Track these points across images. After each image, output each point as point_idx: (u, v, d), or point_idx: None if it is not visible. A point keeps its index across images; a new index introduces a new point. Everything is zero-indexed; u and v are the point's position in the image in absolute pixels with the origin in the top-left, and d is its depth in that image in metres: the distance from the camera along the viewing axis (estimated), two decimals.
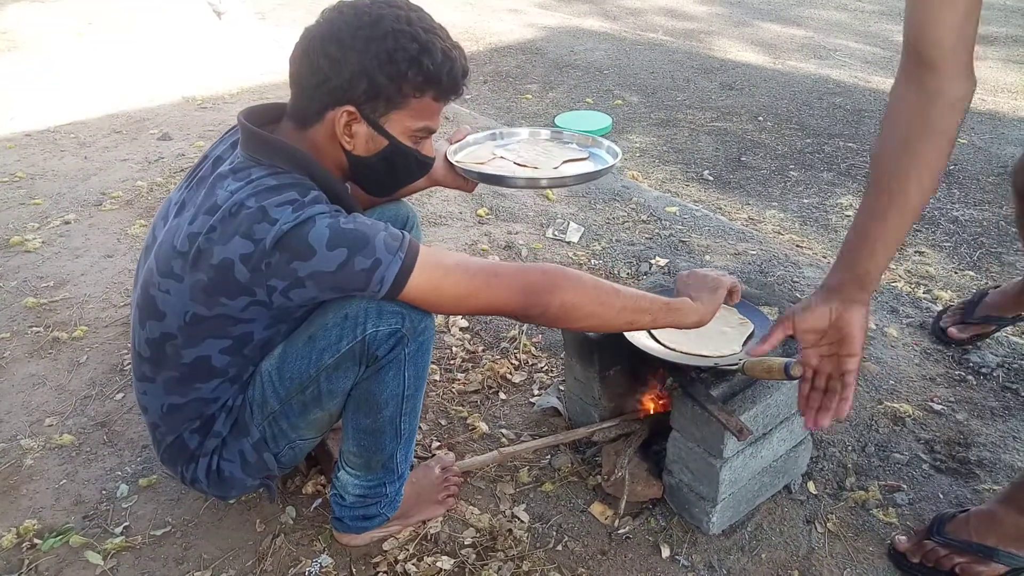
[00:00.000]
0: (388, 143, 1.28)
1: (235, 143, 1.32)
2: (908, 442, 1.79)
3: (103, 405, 1.95)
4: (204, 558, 1.52)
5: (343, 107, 1.22)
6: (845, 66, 5.18)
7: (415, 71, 1.21)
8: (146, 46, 5.38)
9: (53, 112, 4.06)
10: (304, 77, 1.23)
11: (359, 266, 1.14)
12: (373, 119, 1.25)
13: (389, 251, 1.15)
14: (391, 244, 1.16)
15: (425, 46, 1.20)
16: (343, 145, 1.27)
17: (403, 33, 1.19)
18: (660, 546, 1.53)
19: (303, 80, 1.24)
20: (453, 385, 2.02)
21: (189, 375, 1.30)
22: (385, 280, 1.16)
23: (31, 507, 1.64)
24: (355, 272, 1.15)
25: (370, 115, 1.24)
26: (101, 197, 3.11)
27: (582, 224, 2.87)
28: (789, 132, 4.09)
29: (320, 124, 1.26)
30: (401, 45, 1.19)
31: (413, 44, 1.20)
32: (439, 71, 1.23)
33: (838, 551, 1.51)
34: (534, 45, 5.81)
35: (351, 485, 1.46)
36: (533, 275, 1.24)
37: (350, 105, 1.22)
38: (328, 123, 1.25)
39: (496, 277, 1.22)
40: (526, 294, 1.22)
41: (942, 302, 2.46)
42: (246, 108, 1.32)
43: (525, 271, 1.25)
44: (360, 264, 1.14)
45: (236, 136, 1.33)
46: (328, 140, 1.27)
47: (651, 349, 1.52)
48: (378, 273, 1.15)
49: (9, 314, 2.33)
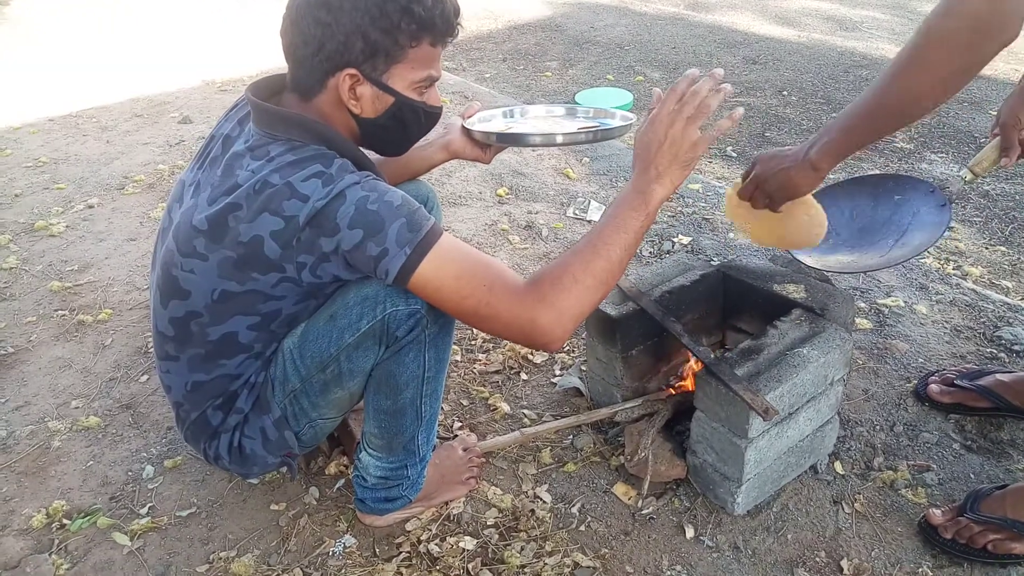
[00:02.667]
0: (394, 99, 1.25)
1: (241, 119, 1.30)
2: (937, 421, 1.75)
3: (128, 387, 1.97)
4: (229, 538, 1.54)
5: (344, 71, 1.20)
6: (872, 38, 5.06)
7: (408, 20, 1.18)
8: (166, 29, 5.39)
9: (75, 97, 4.08)
10: (298, 48, 1.21)
11: (369, 251, 1.14)
12: (375, 78, 1.22)
13: (399, 243, 1.13)
14: (403, 236, 1.13)
15: None
16: (351, 109, 1.25)
17: None
18: (684, 526, 1.51)
19: (297, 51, 1.21)
20: (474, 365, 2.01)
21: (215, 352, 1.30)
22: (390, 272, 1.15)
23: (59, 488, 1.66)
24: (365, 256, 1.14)
25: (371, 74, 1.22)
26: (123, 181, 3.13)
27: (603, 202, 2.84)
28: (814, 106, 4.01)
29: (324, 93, 1.24)
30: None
31: None
32: (431, 14, 1.20)
33: (866, 532, 1.49)
34: (553, 22, 5.74)
35: (373, 467, 1.46)
36: (529, 312, 1.16)
37: (350, 68, 1.20)
38: (331, 90, 1.23)
39: (489, 307, 1.16)
40: (525, 334, 1.18)
41: (972, 278, 2.41)
42: (252, 83, 1.30)
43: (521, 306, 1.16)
44: (371, 250, 1.13)
45: (242, 112, 1.31)
46: (335, 107, 1.25)
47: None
48: (383, 263, 1.14)
49: (35, 298, 2.35)
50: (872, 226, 1.65)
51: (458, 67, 4.86)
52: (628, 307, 1.66)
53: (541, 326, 1.16)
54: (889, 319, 2.12)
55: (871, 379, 1.90)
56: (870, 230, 1.64)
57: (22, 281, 2.44)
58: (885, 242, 1.59)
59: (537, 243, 2.60)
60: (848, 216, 1.68)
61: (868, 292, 2.25)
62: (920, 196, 1.61)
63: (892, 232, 1.60)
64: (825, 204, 1.69)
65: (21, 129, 3.69)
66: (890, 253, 1.56)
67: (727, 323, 1.82)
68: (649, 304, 1.64)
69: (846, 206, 1.68)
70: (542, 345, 1.20)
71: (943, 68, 1.14)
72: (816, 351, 1.48)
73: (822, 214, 1.48)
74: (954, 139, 3.58)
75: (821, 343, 1.50)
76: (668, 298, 1.68)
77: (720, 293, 1.77)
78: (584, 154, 3.29)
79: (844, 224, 1.67)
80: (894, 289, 2.26)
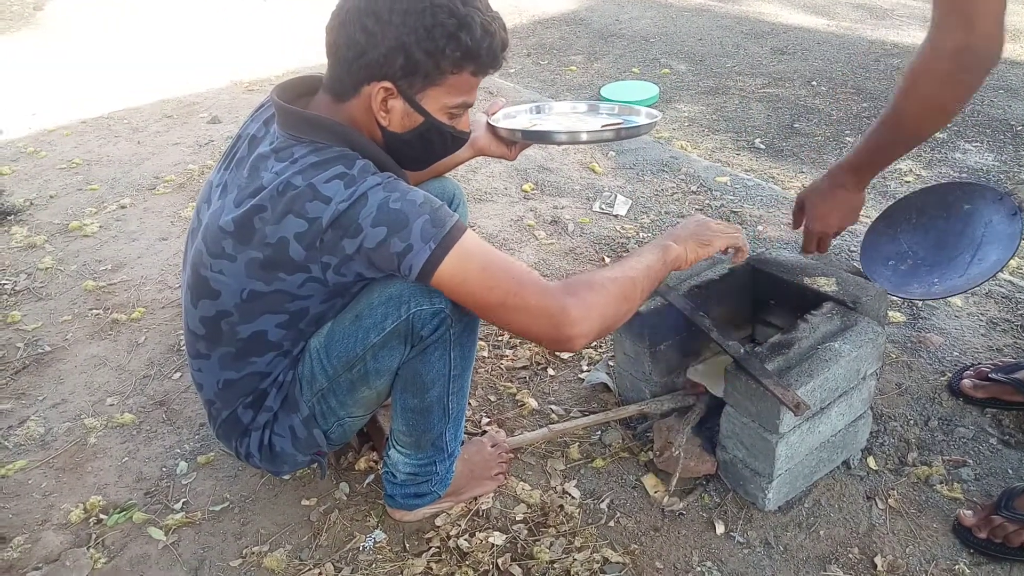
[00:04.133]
0: (424, 120, 1.26)
1: (267, 120, 1.32)
2: (974, 416, 1.72)
3: (161, 384, 2.00)
4: (261, 533, 1.56)
5: (380, 83, 1.20)
6: (903, 26, 4.97)
7: (453, 47, 1.18)
8: (194, 31, 5.45)
9: (107, 99, 4.14)
10: (341, 49, 1.21)
11: (394, 248, 1.13)
12: (409, 95, 1.22)
13: (424, 238, 1.13)
14: (427, 231, 1.13)
15: (463, 20, 1.17)
16: (378, 120, 1.25)
17: (441, 7, 1.15)
18: (715, 522, 1.50)
19: (340, 52, 1.22)
20: (502, 361, 2.01)
21: (245, 350, 1.31)
22: (413, 268, 1.14)
23: (96, 484, 1.69)
24: (389, 253, 1.14)
25: (407, 91, 1.22)
26: (155, 181, 3.17)
27: (630, 196, 2.83)
28: (844, 96, 3.95)
29: (356, 98, 1.24)
30: (439, 20, 1.16)
31: (451, 19, 1.16)
32: (478, 46, 1.19)
33: (900, 528, 1.47)
34: (578, 16, 5.71)
35: (402, 463, 1.46)
36: (560, 302, 1.17)
37: (387, 81, 1.20)
38: (364, 97, 1.23)
39: (517, 296, 1.16)
40: (554, 324, 1.17)
41: (1009, 270, 2.35)
42: (278, 84, 1.31)
43: (551, 296, 1.17)
44: (395, 246, 1.13)
45: (268, 113, 1.33)
46: (364, 114, 1.25)
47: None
48: (408, 259, 1.14)
49: (70, 297, 2.40)
50: (946, 239, 1.65)
51: None
52: (656, 302, 1.65)
53: (571, 316, 1.16)
54: (923, 312, 2.08)
55: (905, 373, 1.86)
56: (945, 245, 1.64)
57: (57, 281, 2.49)
58: (963, 257, 1.59)
59: (563, 238, 2.59)
60: (922, 232, 1.68)
61: None
62: (989, 204, 1.60)
63: (967, 246, 1.60)
64: (898, 217, 1.69)
65: (55, 132, 3.76)
66: (968, 271, 1.56)
67: (757, 317, 1.80)
68: (677, 299, 1.63)
69: (918, 221, 1.69)
70: (567, 338, 1.18)
71: (935, 100, 1.31)
72: (848, 345, 1.46)
73: None
74: (989, 128, 3.50)
75: (853, 337, 1.48)
76: (697, 292, 1.67)
77: (749, 287, 1.75)
78: (610, 148, 3.27)
79: (919, 241, 1.68)
80: None
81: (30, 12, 6.13)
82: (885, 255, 1.71)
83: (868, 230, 1.74)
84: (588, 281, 1.21)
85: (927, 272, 1.63)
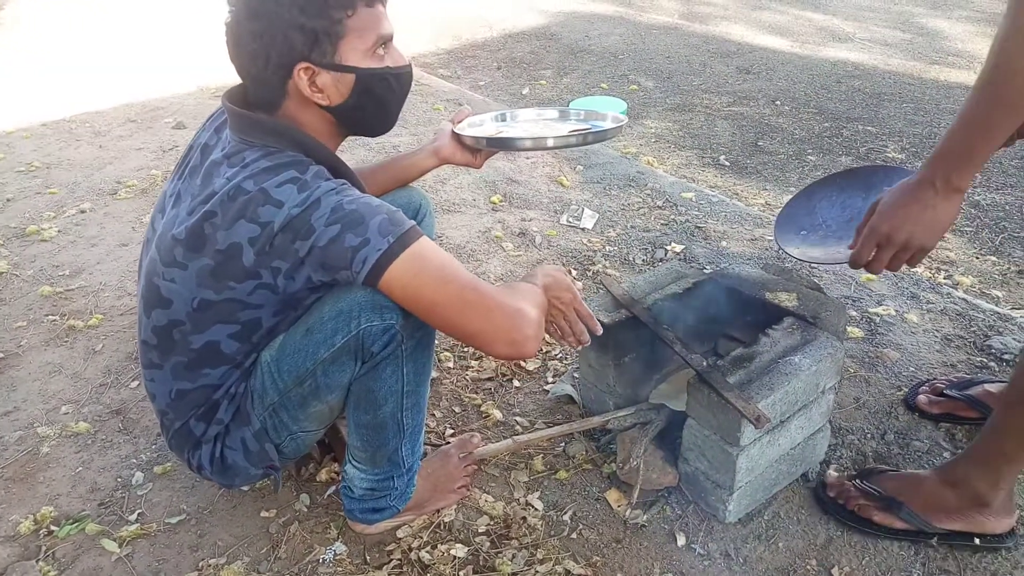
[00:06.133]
0: (355, 76, 1.23)
1: (219, 127, 1.31)
2: (928, 430, 1.76)
3: (118, 393, 1.96)
4: (219, 545, 1.53)
5: (296, 68, 1.19)
6: (865, 49, 5.09)
7: None
8: (160, 35, 5.38)
9: (69, 102, 4.07)
10: (248, 67, 1.21)
11: (348, 243, 1.12)
12: (328, 63, 1.21)
13: (381, 233, 1.13)
14: (385, 227, 1.13)
15: None
16: (318, 103, 1.24)
17: None
18: (676, 534, 1.51)
19: (250, 70, 1.21)
20: (467, 372, 2.01)
21: (198, 360, 1.29)
22: (367, 262, 1.12)
23: (48, 494, 1.65)
24: (343, 248, 1.12)
25: (322, 60, 1.20)
26: (116, 186, 3.12)
27: (597, 210, 2.85)
28: (807, 116, 4.03)
29: (288, 99, 1.23)
30: None
31: None
32: None
33: (856, 540, 1.49)
34: (548, 31, 5.77)
35: (358, 479, 1.45)
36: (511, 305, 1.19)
37: (301, 62, 1.19)
38: (293, 93, 1.22)
39: (476, 292, 1.17)
40: (512, 322, 1.18)
41: (963, 287, 2.42)
42: (229, 89, 1.30)
43: (504, 297, 1.20)
44: (350, 241, 1.12)
45: (220, 120, 1.32)
46: (303, 108, 1.24)
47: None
48: (362, 253, 1.12)
49: (26, 303, 2.34)
50: (860, 218, 1.65)
51: (453, 75, 4.88)
52: (621, 314, 1.66)
53: (527, 316, 1.18)
54: (880, 328, 2.13)
55: (862, 387, 1.90)
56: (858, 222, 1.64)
57: (13, 286, 2.43)
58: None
59: (531, 250, 2.60)
60: (839, 208, 1.66)
61: (859, 301, 2.26)
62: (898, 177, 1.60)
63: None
64: (818, 195, 1.68)
65: (14, 134, 3.68)
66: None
67: (719, 331, 1.82)
68: (641, 312, 1.65)
69: (837, 198, 1.67)
70: (524, 338, 1.18)
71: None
72: (808, 359, 1.48)
73: None
74: None
75: (813, 351, 1.50)
76: (660, 306, 1.68)
77: (713, 301, 1.78)
78: (578, 162, 3.30)
79: (834, 216, 1.66)
80: (885, 298, 2.27)
81: None
82: (799, 225, 1.72)
83: (787, 203, 1.75)
84: (519, 289, 1.26)
85: (835, 243, 1.64)
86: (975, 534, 1.44)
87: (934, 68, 4.74)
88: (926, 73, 4.65)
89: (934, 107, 4.11)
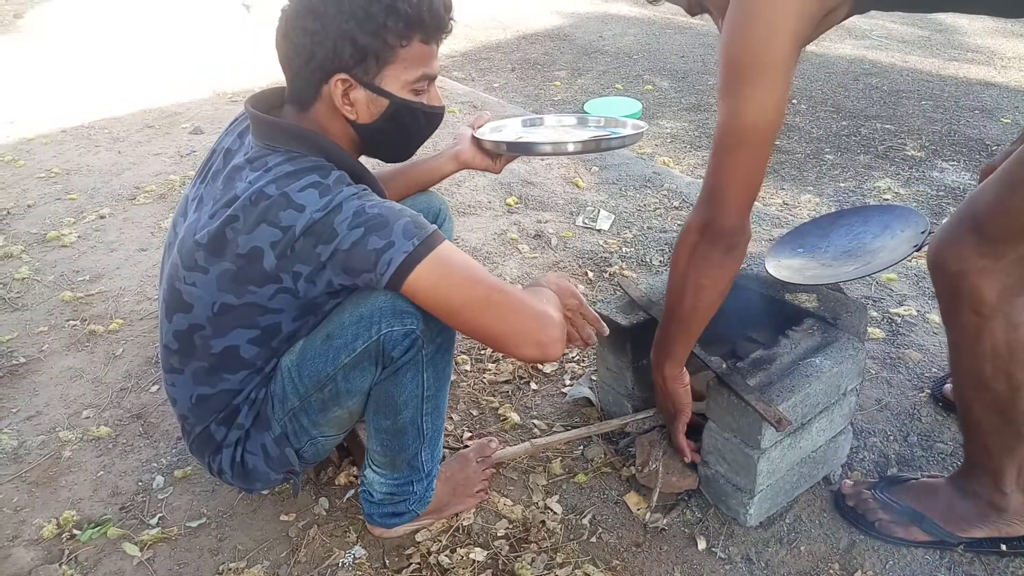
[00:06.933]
0: (389, 102, 1.24)
1: (242, 132, 1.31)
2: (952, 432, 1.73)
3: (139, 397, 1.97)
4: (239, 549, 1.53)
5: (336, 77, 1.20)
6: (882, 47, 5.05)
7: (394, 19, 1.17)
8: (176, 41, 5.42)
9: (87, 108, 4.11)
10: (291, 59, 1.21)
11: (372, 245, 1.12)
12: (368, 81, 1.21)
13: (406, 236, 1.13)
14: (410, 230, 1.13)
15: None
16: (346, 116, 1.25)
17: None
18: (696, 538, 1.50)
19: (291, 62, 1.22)
20: (484, 375, 2.01)
21: (218, 365, 1.30)
22: (392, 263, 1.12)
23: (70, 498, 1.66)
24: (367, 251, 1.12)
25: (363, 78, 1.21)
26: (135, 191, 3.14)
27: (613, 211, 2.84)
28: (824, 114, 4.00)
29: (319, 102, 1.24)
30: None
31: None
32: (419, 12, 1.19)
33: (880, 544, 1.47)
34: (562, 31, 5.76)
35: (378, 483, 1.45)
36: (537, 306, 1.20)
37: (342, 73, 1.19)
38: (326, 98, 1.23)
39: (502, 293, 1.18)
40: (538, 323, 1.19)
41: None
42: (252, 95, 1.31)
43: (530, 297, 1.21)
44: (374, 243, 1.12)
45: (243, 125, 1.32)
46: (331, 116, 1.25)
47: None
48: (387, 255, 1.12)
49: (47, 308, 2.36)
50: (858, 251, 1.67)
51: (467, 77, 4.88)
52: (639, 316, 1.65)
53: (553, 319, 1.19)
54: (902, 328, 2.10)
55: (884, 389, 1.88)
56: (856, 254, 1.66)
57: (34, 291, 2.45)
58: (863, 259, 1.62)
59: (546, 252, 2.59)
60: (846, 239, 1.71)
61: (880, 301, 2.23)
62: (908, 224, 1.63)
63: (874, 249, 1.63)
64: (838, 223, 1.71)
65: (34, 140, 3.72)
66: (859, 269, 1.59)
67: (738, 333, 1.81)
68: (659, 313, 1.63)
69: (857, 228, 1.72)
70: (550, 340, 1.18)
71: (689, 276, 1.31)
72: (829, 361, 1.47)
73: None
74: (965, 147, 3.56)
75: (834, 353, 1.49)
76: None
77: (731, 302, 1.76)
78: (593, 163, 3.29)
79: (842, 244, 1.71)
80: (906, 298, 2.24)
81: (10, 19, 6.08)
82: (800, 244, 1.78)
83: (778, 241, 1.81)
84: (540, 292, 1.27)
85: (824, 268, 1.67)
86: (1001, 539, 1.42)
87: (952, 64, 4.69)
88: (944, 70, 4.60)
89: (953, 104, 4.07)
